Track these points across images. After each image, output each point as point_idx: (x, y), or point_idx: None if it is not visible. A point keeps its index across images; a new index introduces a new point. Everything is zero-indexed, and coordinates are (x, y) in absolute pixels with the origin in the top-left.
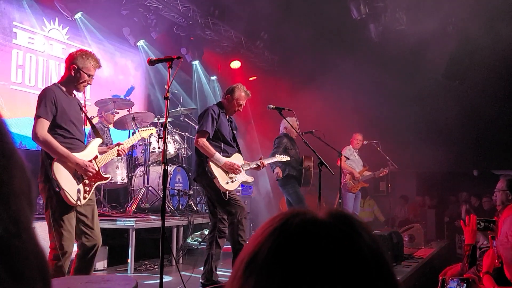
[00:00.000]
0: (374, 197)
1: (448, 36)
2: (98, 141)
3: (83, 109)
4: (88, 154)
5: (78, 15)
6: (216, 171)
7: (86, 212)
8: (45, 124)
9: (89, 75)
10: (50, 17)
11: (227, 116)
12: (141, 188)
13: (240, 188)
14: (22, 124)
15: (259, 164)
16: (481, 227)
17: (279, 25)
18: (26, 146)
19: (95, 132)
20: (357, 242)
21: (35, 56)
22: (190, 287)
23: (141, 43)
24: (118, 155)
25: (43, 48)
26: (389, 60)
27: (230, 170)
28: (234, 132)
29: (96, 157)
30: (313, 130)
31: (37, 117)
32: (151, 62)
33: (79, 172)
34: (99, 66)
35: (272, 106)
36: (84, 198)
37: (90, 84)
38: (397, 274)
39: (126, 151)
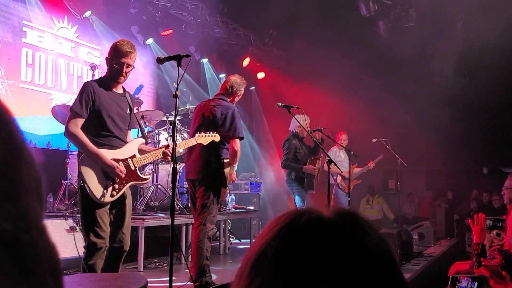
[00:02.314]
0: (383, 195)
1: (458, 32)
2: (140, 140)
3: (132, 107)
4: (125, 152)
5: (87, 14)
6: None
7: (117, 213)
8: (78, 121)
9: (121, 63)
10: (59, 16)
11: None
12: (150, 186)
13: (249, 186)
14: (31, 122)
15: None
16: (490, 226)
17: (287, 22)
18: (36, 144)
19: (142, 132)
20: (364, 241)
21: (45, 55)
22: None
23: (149, 41)
24: (165, 157)
25: (53, 46)
26: (398, 57)
27: (230, 180)
28: None
29: (134, 156)
30: (322, 128)
31: (72, 111)
32: (160, 60)
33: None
34: (130, 51)
35: (280, 104)
36: (112, 196)
37: (126, 73)
38: (406, 272)
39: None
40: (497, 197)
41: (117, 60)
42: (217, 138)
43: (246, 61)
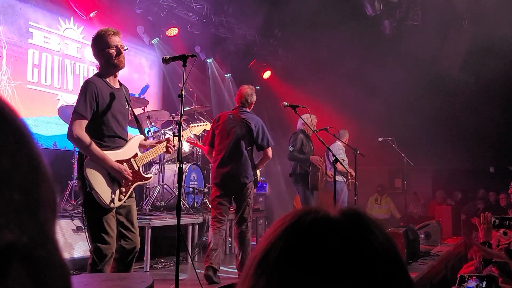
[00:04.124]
0: (389, 194)
1: (465, 31)
2: (140, 137)
3: (129, 101)
4: (127, 152)
5: (93, 14)
6: None
7: (125, 212)
8: (82, 123)
9: (113, 46)
10: (65, 17)
11: None
12: (156, 186)
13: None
14: (38, 123)
15: None
16: (496, 225)
17: (292, 22)
18: (42, 144)
19: (139, 128)
20: (370, 240)
21: (51, 56)
22: (205, 285)
23: (155, 41)
24: (167, 152)
25: (59, 47)
26: (404, 57)
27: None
28: None
29: (136, 155)
30: (328, 127)
31: (76, 113)
32: (165, 61)
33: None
34: (117, 32)
35: (286, 104)
36: (120, 199)
37: (123, 53)
38: (413, 272)
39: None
40: (503, 195)
41: (109, 45)
42: (207, 126)
43: (252, 64)
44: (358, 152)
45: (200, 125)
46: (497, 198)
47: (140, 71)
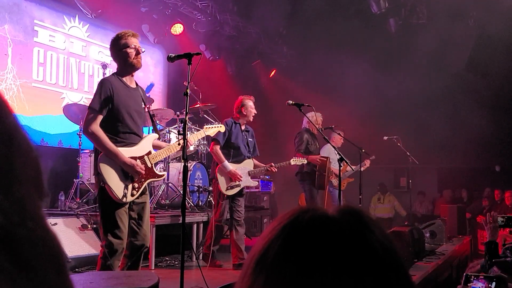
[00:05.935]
0: (394, 192)
1: (470, 30)
2: (154, 136)
3: (145, 101)
4: (141, 149)
5: (98, 13)
6: (220, 177)
7: (138, 209)
8: (97, 118)
9: (131, 47)
10: (71, 15)
11: (243, 127)
12: (161, 185)
13: (260, 184)
14: (43, 121)
15: (269, 169)
16: (502, 224)
17: (297, 21)
18: (48, 143)
19: (154, 127)
20: (369, 239)
21: (56, 54)
22: (210, 283)
23: (160, 39)
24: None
25: (64, 45)
26: (410, 55)
27: (232, 178)
28: (250, 140)
29: (149, 153)
30: (333, 126)
31: (90, 109)
32: (170, 59)
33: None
34: (135, 33)
35: (291, 102)
36: (132, 195)
37: (141, 53)
38: (418, 270)
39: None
40: (509, 194)
41: (128, 45)
42: (222, 128)
43: (257, 63)
44: (363, 150)
45: (214, 127)
46: (503, 197)
47: (145, 69)
